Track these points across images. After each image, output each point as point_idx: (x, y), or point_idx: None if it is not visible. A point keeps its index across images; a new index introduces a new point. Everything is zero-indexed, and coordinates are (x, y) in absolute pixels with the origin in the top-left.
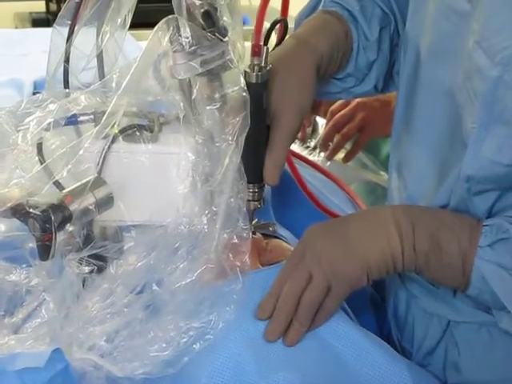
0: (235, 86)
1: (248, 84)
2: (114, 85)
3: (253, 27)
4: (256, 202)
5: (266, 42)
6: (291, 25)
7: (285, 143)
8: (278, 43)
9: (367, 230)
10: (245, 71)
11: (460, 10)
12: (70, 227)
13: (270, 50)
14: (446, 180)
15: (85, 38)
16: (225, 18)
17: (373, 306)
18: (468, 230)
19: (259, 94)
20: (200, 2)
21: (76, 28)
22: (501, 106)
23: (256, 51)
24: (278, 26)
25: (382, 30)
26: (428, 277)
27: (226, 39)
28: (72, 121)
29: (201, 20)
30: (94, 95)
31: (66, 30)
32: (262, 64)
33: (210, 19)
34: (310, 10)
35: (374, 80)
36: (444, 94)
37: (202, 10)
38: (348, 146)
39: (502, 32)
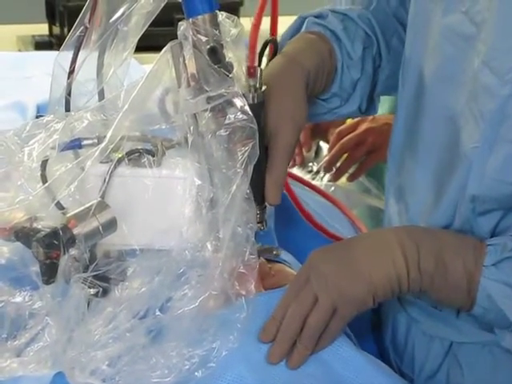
0: (242, 117)
1: None
2: (119, 102)
3: None
4: (259, 224)
5: (259, 63)
6: None
7: (284, 161)
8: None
9: (372, 251)
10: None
11: (465, 34)
12: (73, 251)
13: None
14: (441, 202)
15: (90, 62)
16: (230, 55)
17: (373, 331)
18: (472, 249)
19: (257, 114)
20: (206, 39)
21: (79, 57)
22: (509, 124)
23: (251, 72)
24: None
25: (365, 49)
26: (433, 297)
27: (232, 75)
28: (76, 145)
29: (207, 56)
30: (98, 112)
31: (67, 62)
32: (257, 85)
33: (215, 56)
34: (293, 32)
35: (358, 100)
36: (447, 118)
37: (208, 47)
38: (351, 170)
39: (511, 51)
